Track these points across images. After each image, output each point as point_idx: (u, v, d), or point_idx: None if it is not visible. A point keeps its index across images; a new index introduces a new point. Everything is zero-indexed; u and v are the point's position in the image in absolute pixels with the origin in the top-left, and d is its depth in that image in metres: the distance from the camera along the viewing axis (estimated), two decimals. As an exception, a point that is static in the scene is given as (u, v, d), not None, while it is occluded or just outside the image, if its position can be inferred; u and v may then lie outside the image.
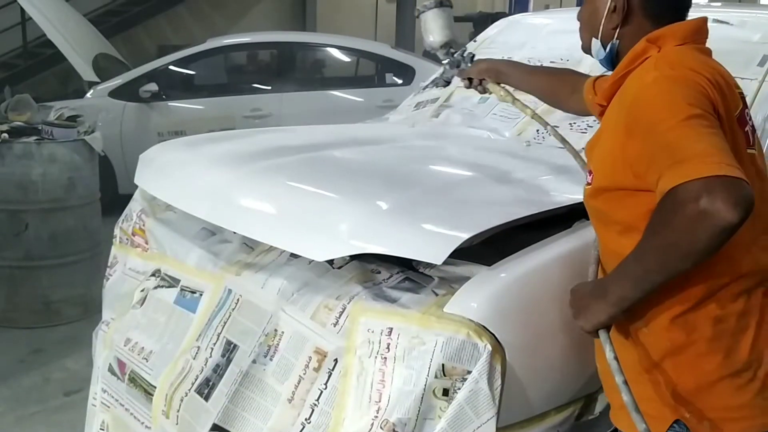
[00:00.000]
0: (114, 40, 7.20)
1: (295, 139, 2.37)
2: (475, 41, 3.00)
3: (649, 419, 1.16)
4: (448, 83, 2.10)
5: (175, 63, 5.66)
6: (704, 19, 1.32)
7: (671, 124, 1.09)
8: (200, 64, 5.87)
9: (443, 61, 2.01)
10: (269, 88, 5.83)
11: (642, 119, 1.16)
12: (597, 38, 1.38)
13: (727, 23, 2.24)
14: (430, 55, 6.89)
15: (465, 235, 1.42)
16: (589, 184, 1.33)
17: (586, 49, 1.44)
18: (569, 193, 1.68)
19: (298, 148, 2.18)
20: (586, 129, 2.11)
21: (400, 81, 5.87)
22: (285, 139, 2.37)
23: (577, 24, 1.47)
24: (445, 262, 1.43)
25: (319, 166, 1.96)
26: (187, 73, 5.86)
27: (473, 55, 1.97)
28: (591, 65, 2.32)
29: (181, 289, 1.87)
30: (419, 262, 1.60)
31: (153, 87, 5.34)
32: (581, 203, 1.43)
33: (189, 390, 1.69)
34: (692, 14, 1.38)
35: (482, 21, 9.21)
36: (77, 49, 5.22)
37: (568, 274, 1.48)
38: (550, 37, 2.72)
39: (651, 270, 1.12)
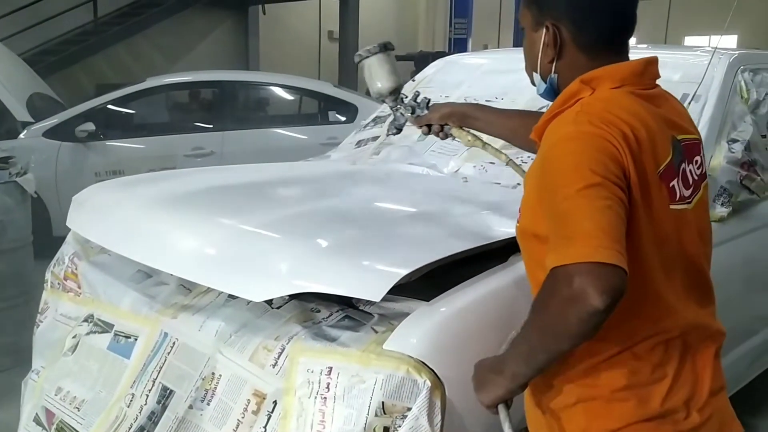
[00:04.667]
0: (51, 79, 7.06)
1: (234, 178, 2.35)
2: (414, 80, 3.06)
3: None
4: (399, 131, 1.88)
5: (114, 102, 5.55)
6: (645, 61, 1.28)
7: (569, 192, 1.10)
8: (140, 102, 5.77)
9: (393, 108, 1.83)
10: (211, 126, 5.78)
11: (549, 178, 1.16)
12: (537, 72, 1.35)
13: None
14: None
15: (403, 272, 1.43)
16: (518, 221, 1.31)
17: (532, 82, 1.40)
18: (505, 227, 1.71)
19: (236, 187, 2.17)
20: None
21: (343, 119, 5.91)
22: (224, 178, 2.35)
23: (512, 64, 1.46)
24: (384, 299, 1.43)
25: (258, 205, 1.94)
26: (125, 112, 5.75)
27: (429, 100, 1.79)
28: (525, 104, 2.40)
29: (115, 334, 1.81)
30: (359, 300, 1.59)
31: (90, 126, 5.21)
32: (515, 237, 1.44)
33: (123, 439, 1.63)
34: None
35: (423, 60, 9.41)
36: (10, 88, 5.09)
37: (505, 307, 1.50)
38: (486, 77, 2.80)
39: (535, 348, 1.13)
